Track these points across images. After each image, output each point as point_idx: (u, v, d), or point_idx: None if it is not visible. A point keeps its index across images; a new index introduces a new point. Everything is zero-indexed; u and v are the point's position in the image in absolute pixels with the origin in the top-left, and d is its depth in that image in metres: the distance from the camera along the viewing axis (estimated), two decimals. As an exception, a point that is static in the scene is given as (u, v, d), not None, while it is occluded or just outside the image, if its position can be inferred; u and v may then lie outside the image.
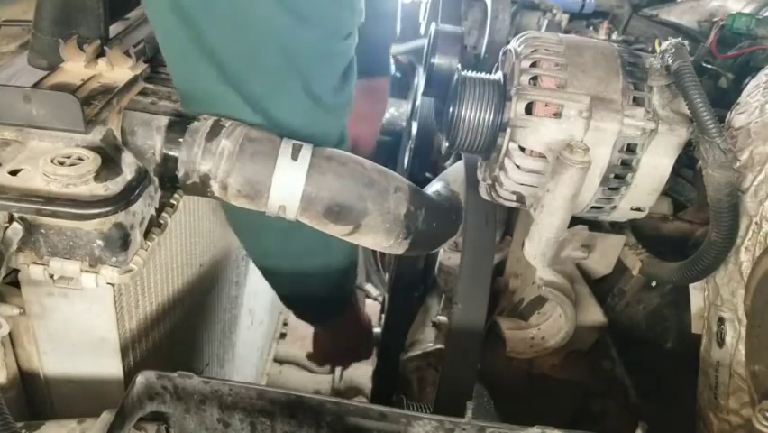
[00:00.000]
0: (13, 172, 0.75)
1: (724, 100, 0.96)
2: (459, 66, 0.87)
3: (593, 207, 0.82)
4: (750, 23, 1.08)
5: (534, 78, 0.78)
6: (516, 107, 0.77)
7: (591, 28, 1.29)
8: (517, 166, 0.78)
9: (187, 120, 0.85)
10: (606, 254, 0.99)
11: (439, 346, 1.18)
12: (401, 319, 1.38)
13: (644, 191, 0.80)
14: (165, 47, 0.85)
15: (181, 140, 0.83)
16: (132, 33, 1.01)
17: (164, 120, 0.84)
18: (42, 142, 0.79)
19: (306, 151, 0.85)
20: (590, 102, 0.75)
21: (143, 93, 0.90)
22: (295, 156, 0.84)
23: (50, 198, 0.72)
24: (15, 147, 0.78)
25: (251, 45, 0.80)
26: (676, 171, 0.90)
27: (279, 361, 2.14)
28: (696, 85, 0.72)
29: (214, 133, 0.83)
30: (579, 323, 0.97)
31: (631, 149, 0.77)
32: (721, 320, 0.77)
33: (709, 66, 1.10)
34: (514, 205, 0.84)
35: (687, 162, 0.98)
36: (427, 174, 1.42)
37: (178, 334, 1.05)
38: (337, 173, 0.85)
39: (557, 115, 0.76)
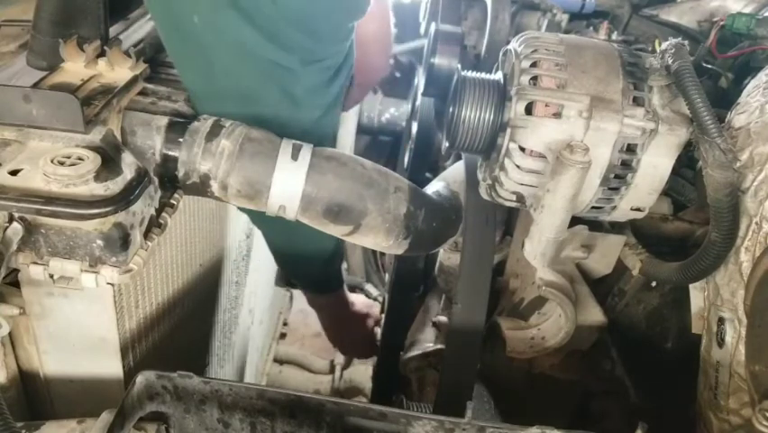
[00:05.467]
0: (13, 172, 0.74)
1: (724, 100, 0.96)
2: (459, 66, 0.86)
3: (593, 207, 0.82)
4: (750, 23, 1.08)
5: (535, 78, 0.78)
6: (517, 107, 0.77)
7: (591, 28, 1.29)
8: (517, 166, 0.78)
9: (187, 120, 0.85)
10: (606, 254, 0.99)
11: (439, 346, 1.18)
12: (401, 319, 1.38)
13: (644, 191, 0.80)
14: (171, 55, 0.91)
15: (181, 140, 0.83)
16: (132, 33, 1.01)
17: (164, 120, 0.84)
18: (42, 142, 0.79)
19: (306, 151, 0.85)
20: (590, 102, 0.75)
21: (143, 93, 0.90)
22: (295, 156, 0.84)
23: (50, 198, 0.72)
24: (15, 147, 0.78)
25: (234, 61, 0.85)
26: (676, 171, 0.90)
27: (279, 361, 2.13)
28: (696, 85, 0.72)
29: (213, 133, 0.83)
30: (579, 323, 0.97)
31: (631, 149, 0.77)
32: (721, 320, 0.77)
33: (709, 66, 1.10)
34: (514, 205, 0.84)
35: (687, 162, 0.98)
36: (427, 174, 1.41)
37: (178, 334, 1.04)
38: (337, 173, 0.85)
39: (557, 115, 0.76)
